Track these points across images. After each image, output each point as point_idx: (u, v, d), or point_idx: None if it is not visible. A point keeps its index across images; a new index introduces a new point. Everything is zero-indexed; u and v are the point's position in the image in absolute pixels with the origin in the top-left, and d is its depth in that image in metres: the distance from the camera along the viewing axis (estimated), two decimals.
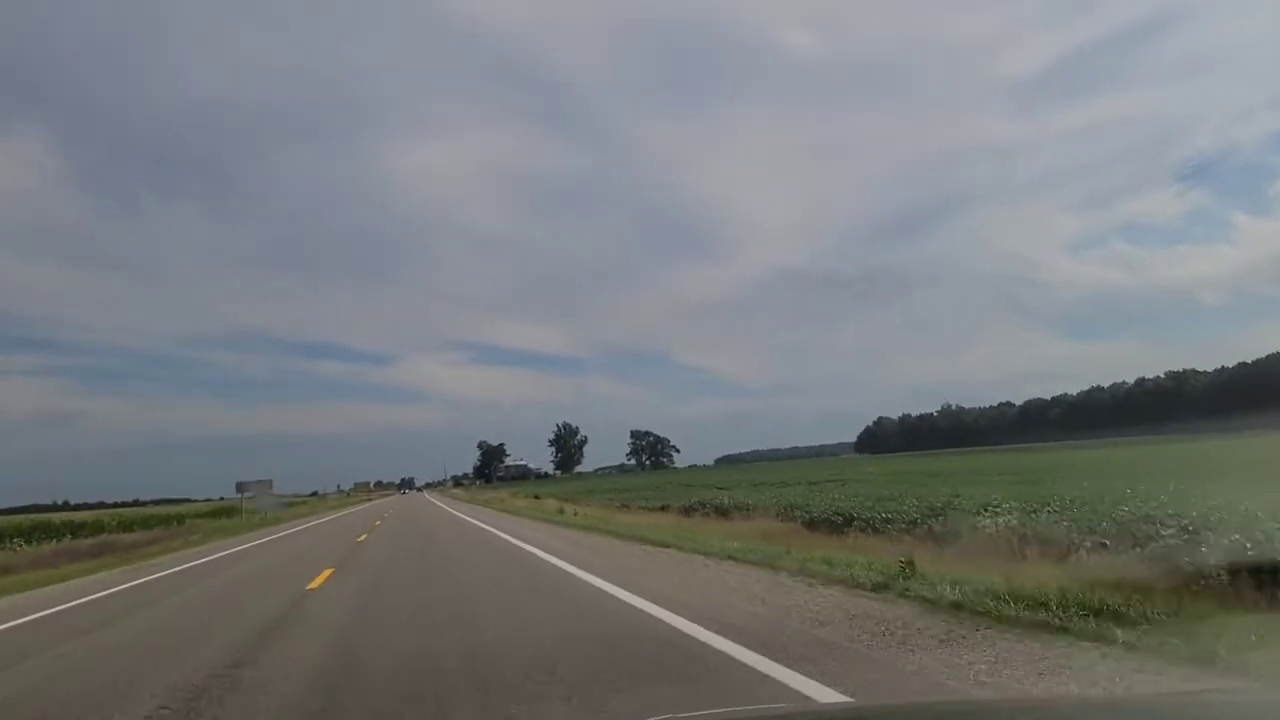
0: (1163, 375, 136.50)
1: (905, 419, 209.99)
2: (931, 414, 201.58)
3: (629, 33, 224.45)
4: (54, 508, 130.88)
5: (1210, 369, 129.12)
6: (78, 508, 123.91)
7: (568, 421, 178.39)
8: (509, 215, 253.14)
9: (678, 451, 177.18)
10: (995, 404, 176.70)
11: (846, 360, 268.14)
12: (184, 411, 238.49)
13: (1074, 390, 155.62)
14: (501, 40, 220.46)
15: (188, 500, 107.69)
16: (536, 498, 45.74)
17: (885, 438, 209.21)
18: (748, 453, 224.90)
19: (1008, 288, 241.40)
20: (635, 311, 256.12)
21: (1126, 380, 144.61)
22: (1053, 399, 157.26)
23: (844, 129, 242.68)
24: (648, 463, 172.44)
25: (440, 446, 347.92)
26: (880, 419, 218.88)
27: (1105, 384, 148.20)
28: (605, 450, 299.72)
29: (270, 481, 54.39)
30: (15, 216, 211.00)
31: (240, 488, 52.45)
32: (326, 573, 12.50)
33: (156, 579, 14.86)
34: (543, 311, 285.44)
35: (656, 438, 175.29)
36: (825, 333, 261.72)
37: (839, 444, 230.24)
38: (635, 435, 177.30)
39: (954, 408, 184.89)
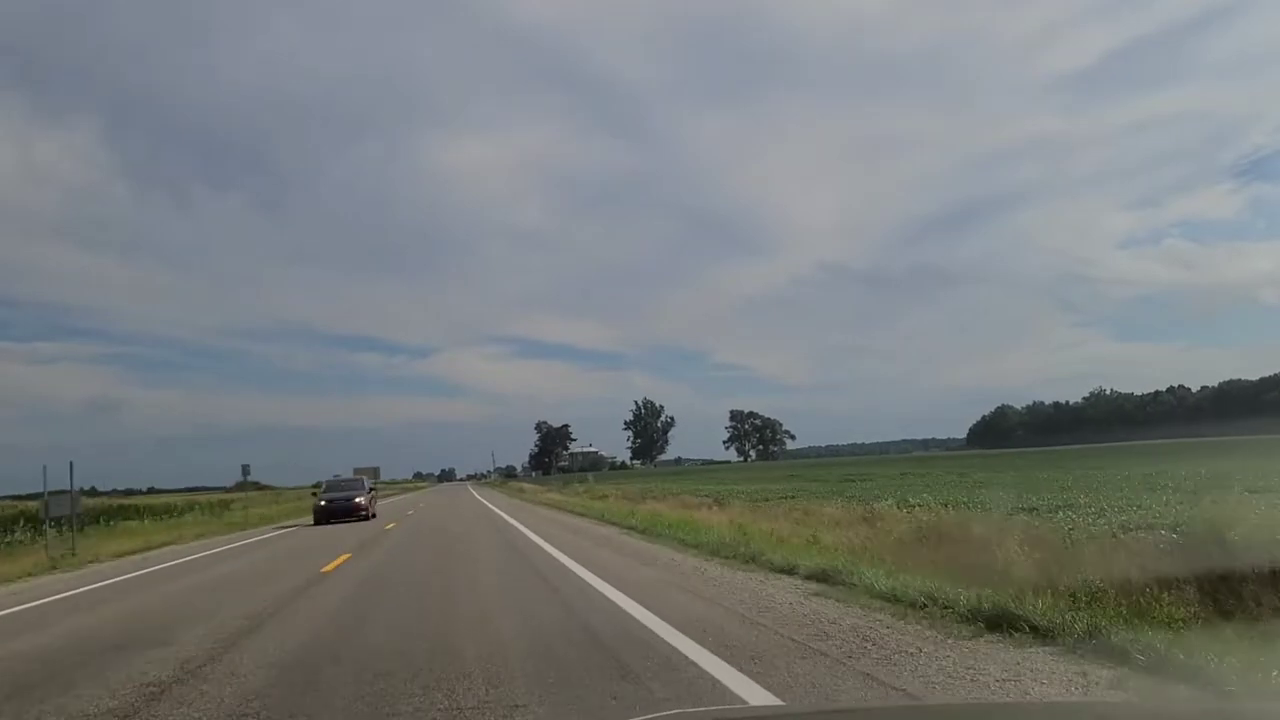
0: None
1: (1037, 407, 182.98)
2: (1067, 402, 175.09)
3: (677, 29, 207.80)
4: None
5: None
6: (102, 494, 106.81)
7: (649, 399, 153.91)
8: (553, 212, 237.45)
9: (792, 438, 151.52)
10: (1165, 388, 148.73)
11: (896, 358, 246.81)
12: (229, 401, 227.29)
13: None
14: (547, 37, 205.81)
15: (217, 489, 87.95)
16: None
17: (1008, 430, 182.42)
18: (804, 449, 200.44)
19: (1059, 285, 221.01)
20: (678, 308, 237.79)
21: None
22: (1261, 380, 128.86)
23: (892, 125, 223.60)
24: (752, 452, 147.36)
25: (479, 440, 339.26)
26: (1002, 408, 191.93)
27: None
28: (683, 437, 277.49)
29: None
30: (71, 208, 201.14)
31: None
32: None
33: None
34: (585, 307, 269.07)
35: (764, 420, 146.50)
36: (874, 330, 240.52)
37: (904, 440, 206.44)
38: (735, 417, 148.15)
39: (1109, 393, 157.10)
